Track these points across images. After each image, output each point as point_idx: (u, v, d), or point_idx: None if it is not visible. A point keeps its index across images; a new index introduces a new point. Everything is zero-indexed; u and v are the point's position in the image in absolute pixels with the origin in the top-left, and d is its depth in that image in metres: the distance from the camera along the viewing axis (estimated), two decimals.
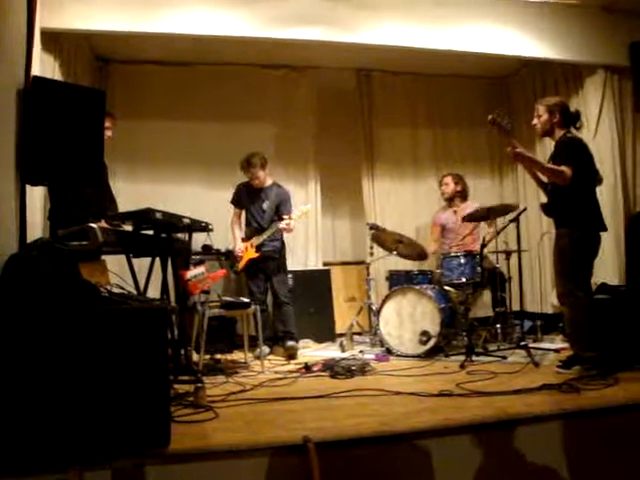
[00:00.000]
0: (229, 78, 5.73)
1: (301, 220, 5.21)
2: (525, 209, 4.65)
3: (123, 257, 3.79)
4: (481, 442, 2.43)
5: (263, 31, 4.43)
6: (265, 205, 4.96)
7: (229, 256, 4.99)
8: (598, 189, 3.76)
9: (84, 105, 2.92)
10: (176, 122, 5.57)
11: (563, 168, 3.45)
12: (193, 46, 5.02)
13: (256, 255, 4.85)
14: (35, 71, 3.11)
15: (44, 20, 3.65)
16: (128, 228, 3.74)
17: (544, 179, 3.74)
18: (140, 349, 2.23)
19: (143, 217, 3.50)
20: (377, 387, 3.29)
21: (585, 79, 5.43)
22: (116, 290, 2.87)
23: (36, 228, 3.40)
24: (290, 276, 5.18)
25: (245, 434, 2.46)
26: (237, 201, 5.13)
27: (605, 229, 3.64)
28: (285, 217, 4.85)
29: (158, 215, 3.50)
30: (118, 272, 3.51)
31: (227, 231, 5.49)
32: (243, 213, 5.14)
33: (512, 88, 6.33)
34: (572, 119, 3.70)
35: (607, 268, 4.87)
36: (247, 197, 5.06)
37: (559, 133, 3.66)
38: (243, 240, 4.98)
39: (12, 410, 2.03)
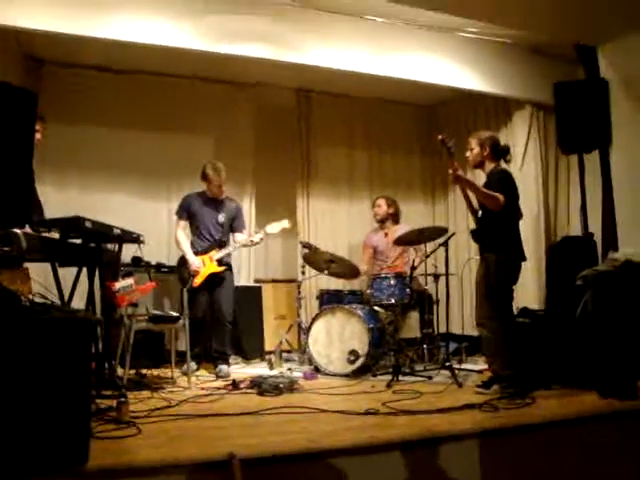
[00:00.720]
0: (169, 89, 5.67)
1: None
2: (454, 234, 4.81)
3: (47, 266, 3.65)
4: (405, 460, 2.47)
5: (207, 45, 4.40)
6: (221, 217, 4.80)
7: (180, 270, 4.76)
8: (523, 217, 3.97)
9: (13, 105, 2.81)
10: (111, 130, 5.43)
11: (497, 194, 3.63)
12: (134, 54, 4.94)
13: (219, 269, 4.67)
14: None
15: None
16: (55, 236, 3.61)
17: (475, 205, 3.90)
18: (61, 361, 2.14)
19: (72, 225, 3.38)
20: (304, 405, 3.29)
21: (514, 113, 5.74)
22: (38, 300, 2.76)
23: None
24: None
25: (168, 450, 2.40)
26: (186, 212, 4.85)
27: (525, 259, 3.86)
28: (242, 232, 4.84)
29: (88, 224, 3.40)
30: (42, 281, 3.38)
31: (160, 243, 5.41)
32: (188, 228, 4.92)
33: (443, 117, 6.57)
34: (502, 153, 3.90)
35: (528, 293, 5.13)
36: (201, 208, 4.82)
37: (489, 166, 3.86)
38: (197, 254, 4.71)
39: None
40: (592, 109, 4.71)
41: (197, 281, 4.60)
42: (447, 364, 4.22)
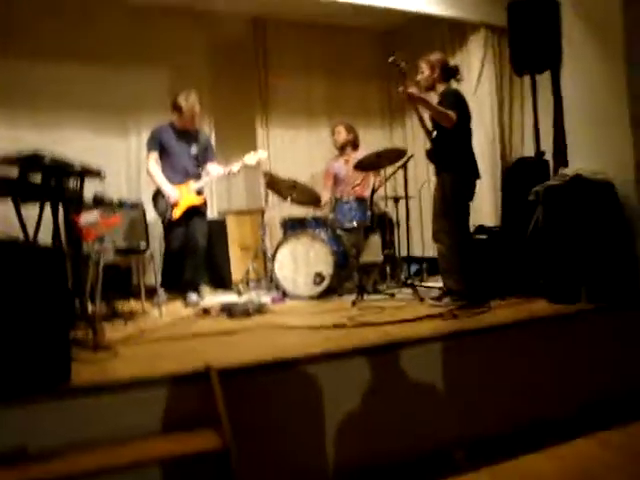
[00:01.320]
0: (121, 19, 5.44)
1: None
2: (412, 155, 4.89)
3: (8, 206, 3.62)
4: (371, 364, 2.65)
5: None
6: (194, 150, 4.77)
7: (156, 203, 4.70)
8: (477, 140, 4.10)
9: None
10: (61, 63, 5.20)
11: (449, 111, 3.73)
12: None
13: (199, 200, 4.68)
14: None
15: None
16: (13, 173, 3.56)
17: (429, 126, 3.99)
18: (37, 289, 2.22)
19: (31, 160, 3.35)
20: (274, 324, 3.44)
21: (469, 37, 5.77)
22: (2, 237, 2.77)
23: None
24: None
25: (147, 368, 2.52)
26: (158, 144, 4.72)
27: (479, 176, 4.00)
28: (213, 161, 4.84)
29: (47, 160, 3.37)
30: (2, 220, 3.36)
31: (120, 180, 5.37)
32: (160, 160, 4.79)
33: (400, 42, 6.53)
34: (451, 73, 3.99)
35: (485, 212, 5.33)
36: (173, 141, 4.73)
37: (441, 87, 3.96)
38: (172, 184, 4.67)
39: None
40: (544, 29, 4.76)
41: (177, 213, 4.60)
42: (408, 282, 4.42)
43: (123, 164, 5.49)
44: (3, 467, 1.96)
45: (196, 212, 4.71)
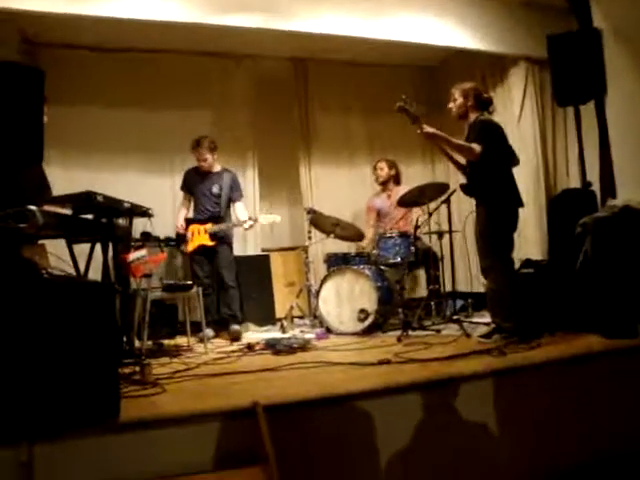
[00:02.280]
0: (166, 66, 5.70)
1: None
2: (455, 190, 4.87)
3: (61, 243, 3.75)
4: (422, 400, 2.60)
5: (202, 17, 4.45)
6: (215, 189, 5.03)
7: (176, 240, 5.02)
8: (522, 171, 4.02)
9: (22, 84, 2.87)
10: (111, 109, 5.48)
11: (473, 145, 3.68)
12: (130, 32, 4.98)
13: (210, 243, 4.91)
14: None
15: None
16: (67, 212, 3.70)
17: (461, 161, 3.96)
18: (89, 325, 2.26)
19: (83, 200, 3.47)
20: (318, 360, 3.42)
21: (509, 70, 5.78)
22: (57, 273, 2.86)
23: None
24: None
25: (193, 403, 2.53)
26: (185, 186, 5.20)
27: (522, 205, 3.86)
28: (240, 201, 5.09)
29: (99, 198, 3.49)
30: (55, 257, 3.47)
31: (166, 218, 5.49)
32: (192, 200, 5.21)
33: (440, 78, 6.59)
34: (485, 103, 3.93)
35: (531, 245, 5.23)
36: (196, 181, 5.11)
37: (473, 116, 3.88)
38: (193, 222, 5.03)
39: None
40: (586, 60, 4.73)
41: (189, 248, 4.94)
42: (455, 317, 4.34)
43: (170, 204, 5.63)
44: None
45: (213, 253, 4.95)
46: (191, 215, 5.18)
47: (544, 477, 2.75)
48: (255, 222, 4.97)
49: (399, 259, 4.79)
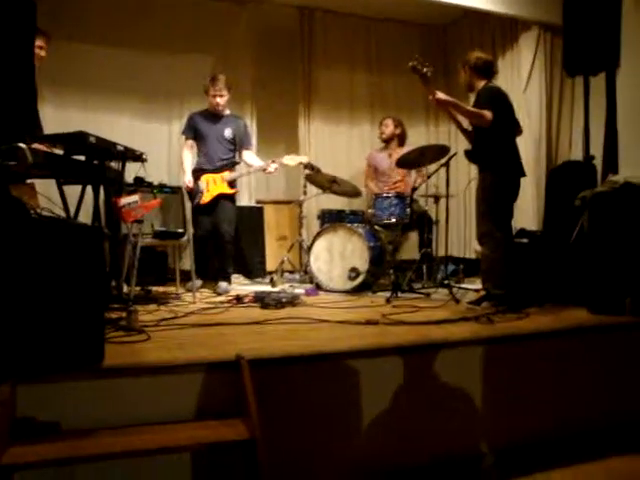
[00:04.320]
0: (169, 8, 5.51)
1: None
2: (455, 153, 4.78)
3: (52, 183, 3.68)
4: (405, 364, 2.60)
5: None
6: (227, 133, 4.77)
7: (188, 193, 4.73)
8: (523, 140, 3.96)
9: (10, 15, 2.73)
10: (111, 49, 5.32)
11: (484, 111, 3.63)
12: None
13: (231, 191, 4.70)
14: None
15: None
16: (58, 152, 3.61)
17: (467, 126, 3.90)
18: (76, 267, 2.22)
19: (75, 140, 3.38)
20: (306, 316, 3.42)
21: (520, 34, 5.62)
22: (46, 214, 2.81)
23: None
24: None
25: (178, 353, 2.52)
26: (190, 130, 4.85)
27: (524, 174, 3.86)
28: (250, 149, 4.86)
29: (92, 139, 3.40)
30: (45, 199, 3.41)
31: (161, 164, 5.42)
32: (195, 147, 4.92)
33: (450, 38, 6.44)
34: (486, 70, 3.85)
35: (527, 215, 5.21)
36: (204, 125, 4.80)
37: (479, 85, 3.84)
38: (204, 172, 4.75)
39: None
40: (602, 27, 4.57)
41: (205, 199, 4.66)
42: (445, 282, 4.34)
43: (165, 149, 5.54)
44: (36, 440, 1.99)
45: (224, 199, 4.72)
46: (196, 165, 4.87)
47: (522, 443, 2.78)
48: (280, 164, 4.71)
49: (394, 220, 4.75)
